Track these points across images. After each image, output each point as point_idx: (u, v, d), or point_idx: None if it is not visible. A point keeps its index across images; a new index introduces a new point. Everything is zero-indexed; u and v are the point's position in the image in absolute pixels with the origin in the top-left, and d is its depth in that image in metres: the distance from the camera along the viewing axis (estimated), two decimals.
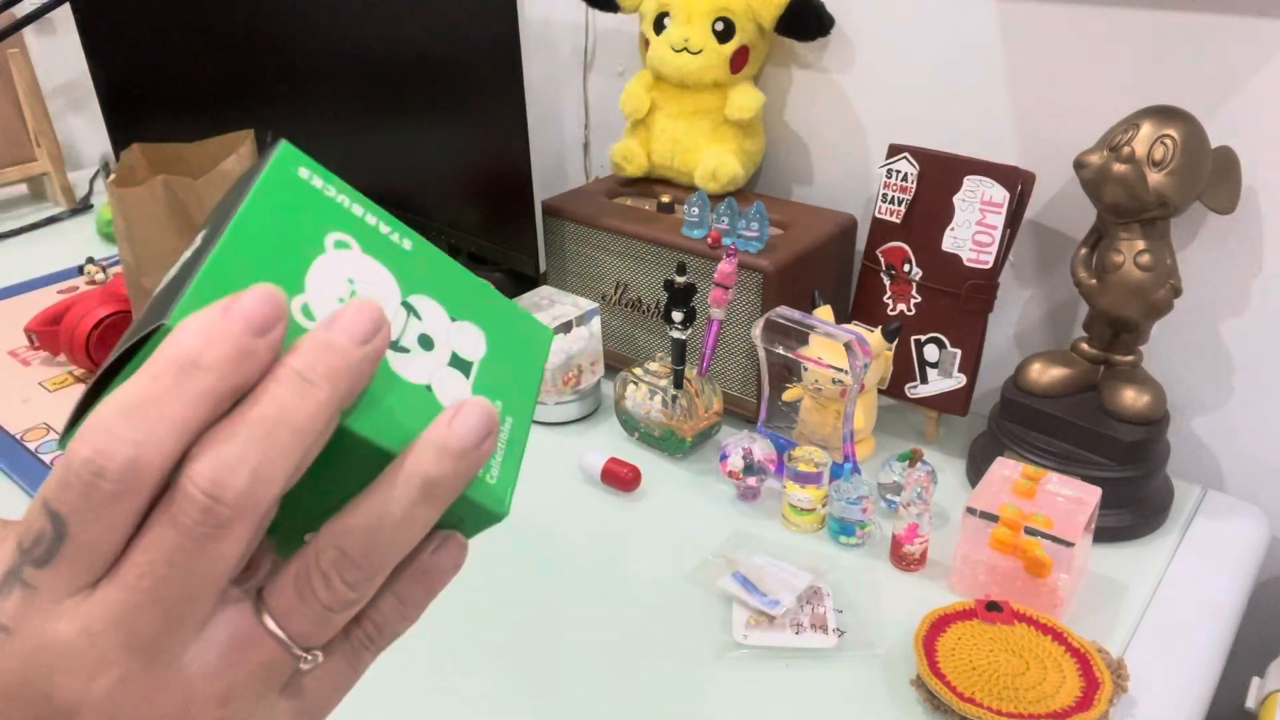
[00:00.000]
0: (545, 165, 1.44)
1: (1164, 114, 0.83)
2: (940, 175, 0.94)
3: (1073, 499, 0.79)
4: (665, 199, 1.10)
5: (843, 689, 0.73)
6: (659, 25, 1.09)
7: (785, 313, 0.92)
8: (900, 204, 0.97)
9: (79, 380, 1.15)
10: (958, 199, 0.93)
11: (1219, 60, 0.86)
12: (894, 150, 0.97)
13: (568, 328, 1.04)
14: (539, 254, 1.15)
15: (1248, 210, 0.89)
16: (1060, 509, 0.78)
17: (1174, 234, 0.87)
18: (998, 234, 0.92)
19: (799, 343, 0.92)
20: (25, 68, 1.60)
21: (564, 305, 1.07)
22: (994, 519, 0.77)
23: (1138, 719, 0.71)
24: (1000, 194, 0.91)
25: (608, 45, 1.31)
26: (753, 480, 0.92)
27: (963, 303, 0.95)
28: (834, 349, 0.90)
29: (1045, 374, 0.93)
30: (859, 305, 1.03)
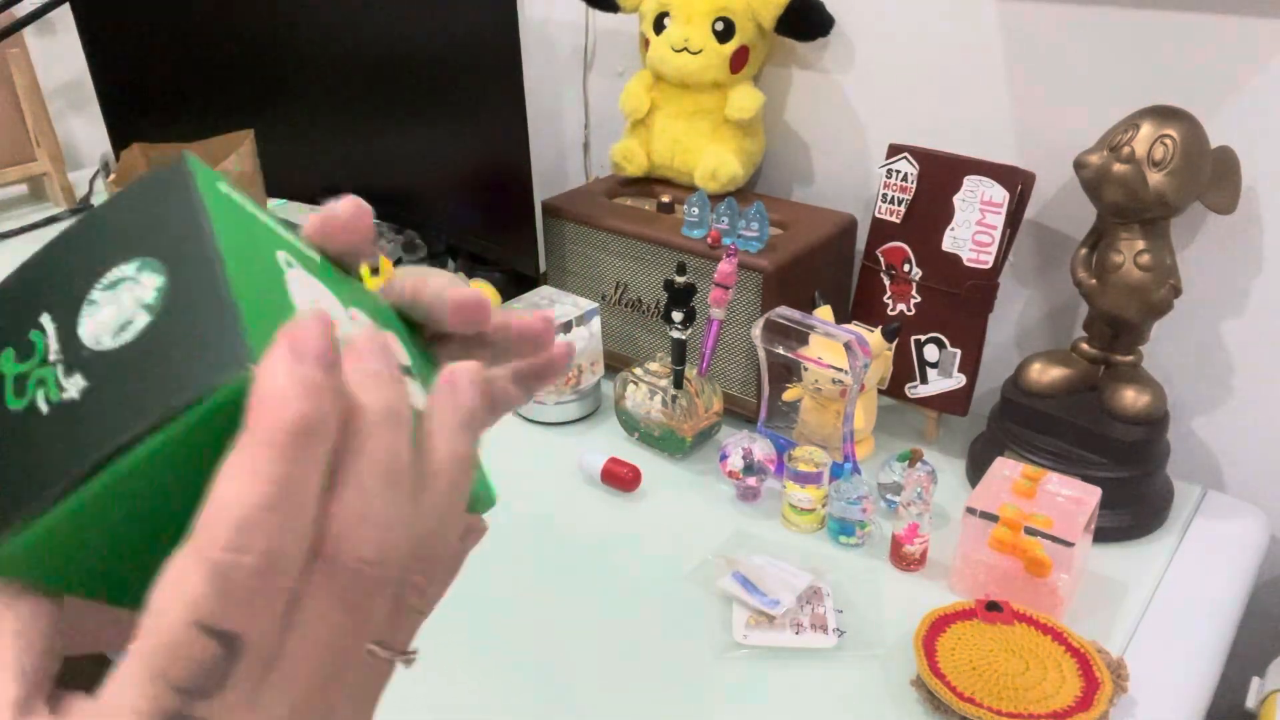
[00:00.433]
0: (545, 165, 1.44)
1: (1164, 114, 0.83)
2: (940, 175, 0.94)
3: (1073, 499, 0.79)
4: (665, 199, 1.10)
5: (843, 689, 0.73)
6: (659, 25, 1.09)
7: (785, 313, 0.92)
8: (900, 204, 0.97)
9: None
10: (958, 199, 0.93)
11: (1219, 60, 0.86)
12: (894, 150, 0.97)
13: (568, 328, 1.04)
14: (539, 254, 1.15)
15: (1248, 210, 0.89)
16: (1060, 509, 0.78)
17: (1174, 234, 0.87)
18: (998, 234, 0.92)
19: (799, 343, 0.92)
20: (25, 68, 1.60)
21: (564, 305, 1.07)
22: (994, 519, 0.77)
23: (1138, 719, 0.71)
24: (1000, 194, 0.91)
25: (608, 45, 1.31)
26: (753, 480, 0.92)
27: (963, 303, 0.95)
28: (834, 349, 0.90)
29: (1045, 374, 0.93)
30: (859, 305, 1.03)
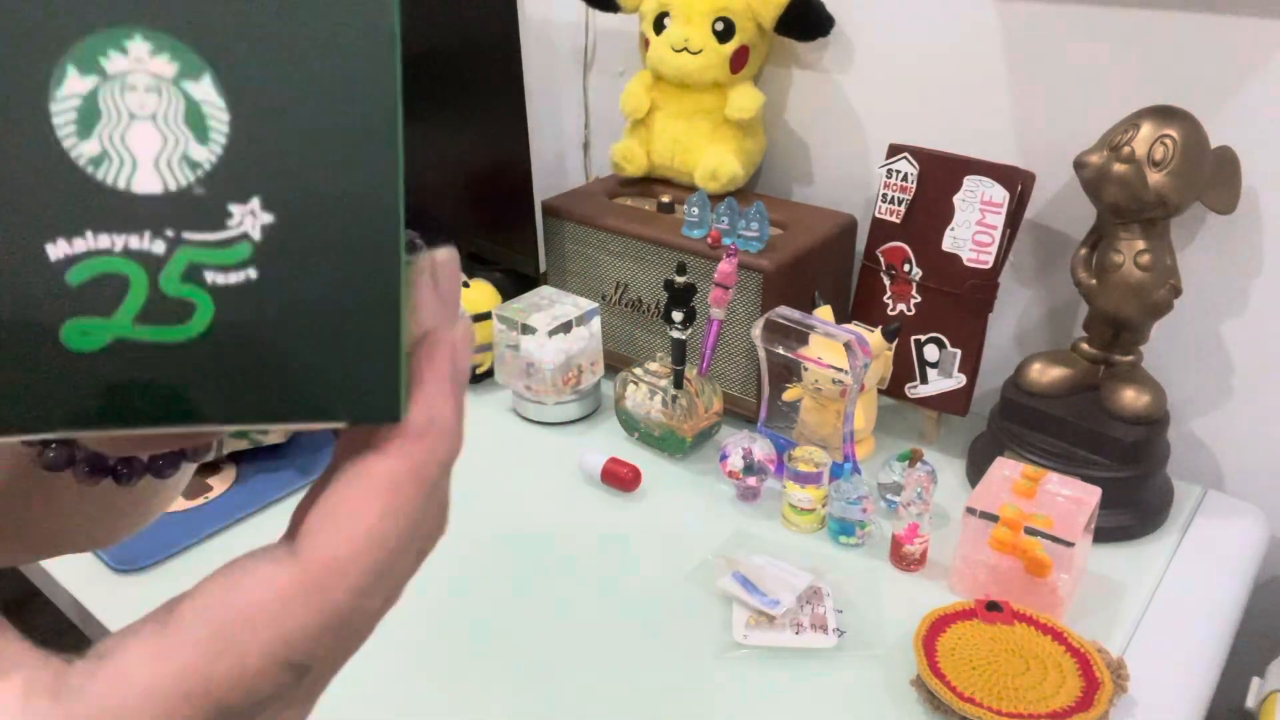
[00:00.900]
0: (545, 165, 1.43)
1: (1164, 114, 0.83)
2: (940, 175, 0.94)
3: (1073, 499, 0.79)
4: (665, 199, 1.10)
5: (843, 689, 0.73)
6: (659, 25, 1.09)
7: (785, 313, 0.92)
8: (900, 204, 0.97)
9: None
10: (958, 199, 0.93)
11: (1219, 60, 0.86)
12: (894, 150, 0.97)
13: (568, 328, 1.04)
14: (539, 254, 1.15)
15: (1248, 210, 0.89)
16: (1060, 509, 0.78)
17: (1174, 234, 0.87)
18: (998, 234, 0.92)
19: (799, 343, 0.92)
20: None
21: (564, 305, 1.07)
22: (994, 519, 0.77)
23: (1138, 719, 0.71)
24: (1000, 194, 0.91)
25: (608, 45, 1.31)
26: (753, 480, 0.92)
27: (963, 303, 0.95)
28: (834, 349, 0.90)
29: (1045, 374, 0.93)
30: (859, 305, 1.03)
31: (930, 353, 0.99)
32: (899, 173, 0.97)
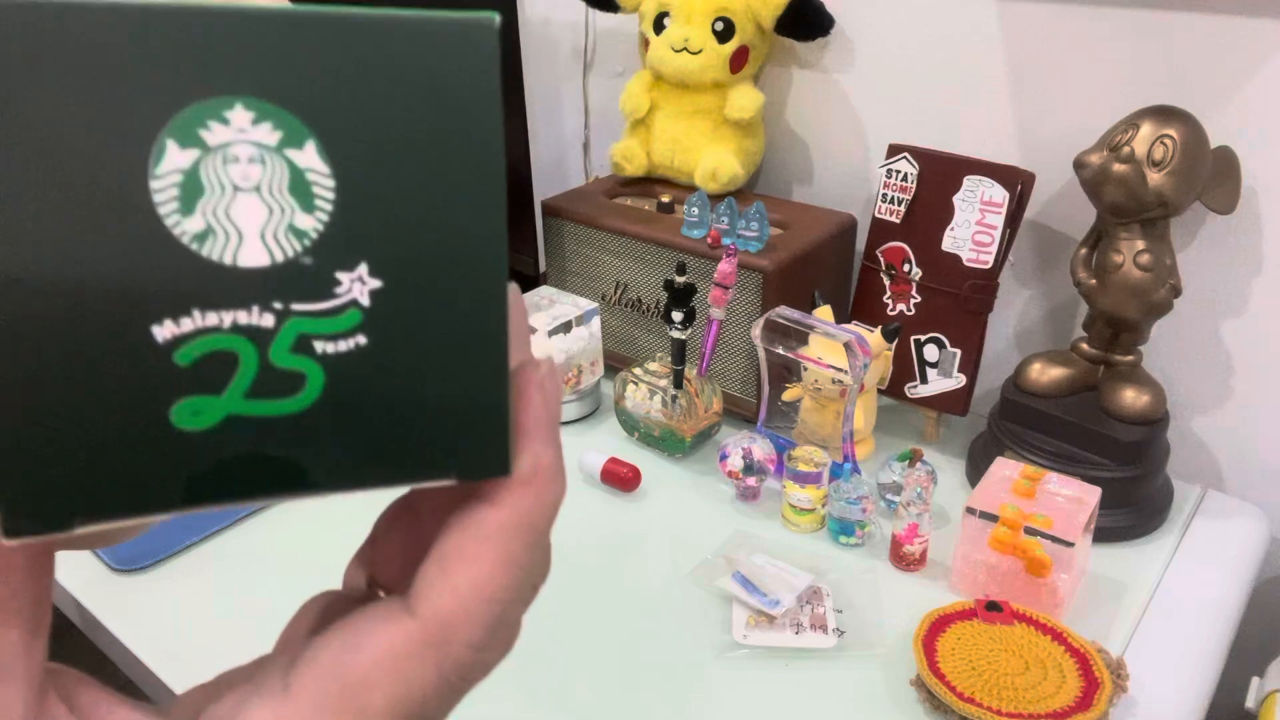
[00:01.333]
0: (545, 165, 1.44)
1: (1164, 114, 0.83)
2: (940, 175, 0.94)
3: (1073, 499, 0.79)
4: (665, 199, 1.10)
5: (843, 689, 0.73)
6: (659, 25, 1.09)
7: (785, 313, 0.92)
8: (900, 204, 0.97)
9: None
10: (958, 199, 0.93)
11: (1219, 60, 0.86)
12: (894, 150, 0.97)
13: (567, 328, 1.04)
14: (539, 254, 1.15)
15: (1248, 210, 0.89)
16: (1060, 509, 0.78)
17: (1174, 234, 0.87)
18: (998, 234, 0.92)
19: (799, 343, 0.92)
20: None
21: (564, 305, 1.07)
22: (994, 519, 0.77)
23: (1138, 719, 0.71)
24: (1000, 194, 0.91)
25: (608, 45, 1.31)
26: (753, 480, 0.92)
27: (963, 303, 0.95)
28: (834, 349, 0.90)
29: (1045, 374, 0.93)
30: (859, 305, 1.03)
31: (930, 353, 0.99)
32: (899, 173, 0.97)
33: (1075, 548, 0.75)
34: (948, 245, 0.95)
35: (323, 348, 0.19)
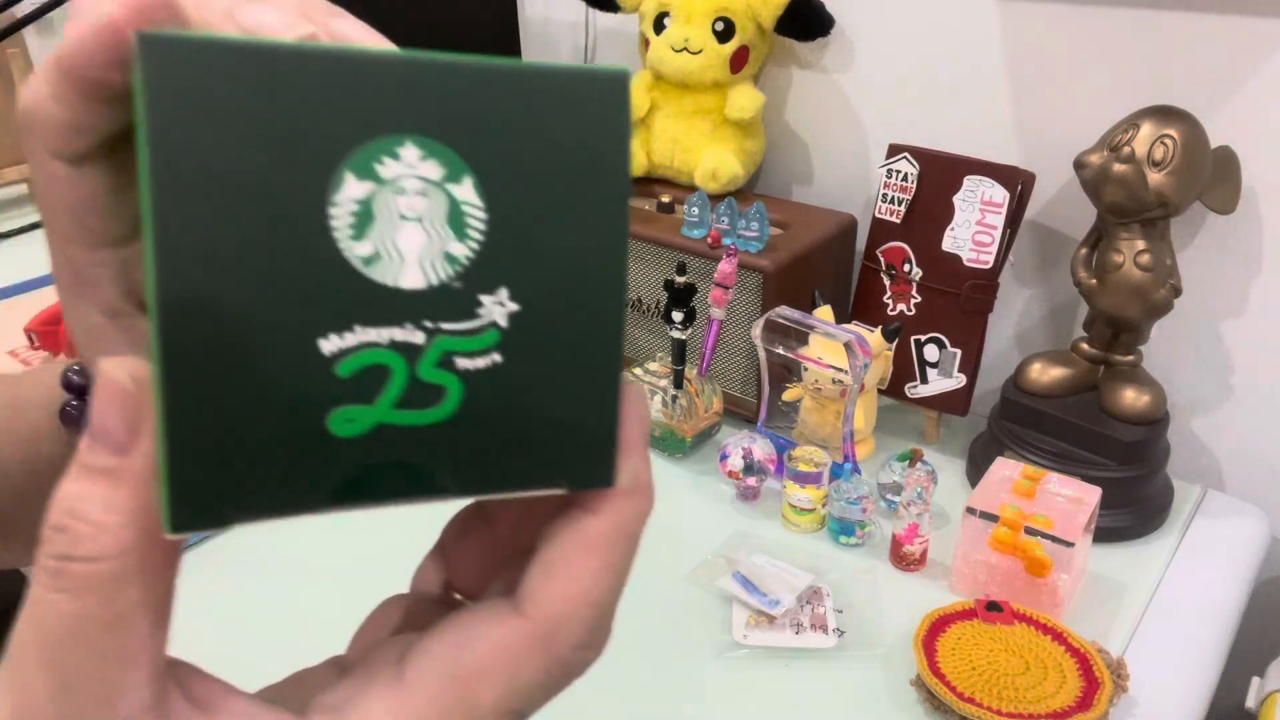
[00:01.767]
0: None
1: (1164, 114, 0.83)
2: (940, 175, 0.94)
3: (1073, 499, 0.79)
4: (665, 199, 1.10)
5: (843, 689, 0.73)
6: (659, 25, 1.09)
7: (785, 313, 0.92)
8: (900, 204, 0.97)
9: None
10: (958, 199, 0.93)
11: (1219, 60, 0.86)
12: (894, 150, 0.97)
13: None
14: None
15: (1248, 210, 0.89)
16: (1060, 509, 0.78)
17: (1174, 234, 0.87)
18: (998, 234, 0.92)
19: (799, 343, 0.92)
20: (25, 68, 1.60)
21: None
22: (994, 519, 0.77)
23: (1138, 719, 0.71)
24: (1000, 194, 0.91)
25: (608, 45, 1.31)
26: (753, 480, 0.92)
27: (963, 303, 0.95)
28: (834, 349, 0.90)
29: (1045, 374, 0.93)
30: (859, 305, 1.03)
31: (930, 353, 0.99)
32: (899, 173, 0.97)
33: (1075, 548, 0.75)
34: (948, 245, 0.95)
35: (463, 364, 0.21)
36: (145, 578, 0.20)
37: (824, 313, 0.97)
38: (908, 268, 0.98)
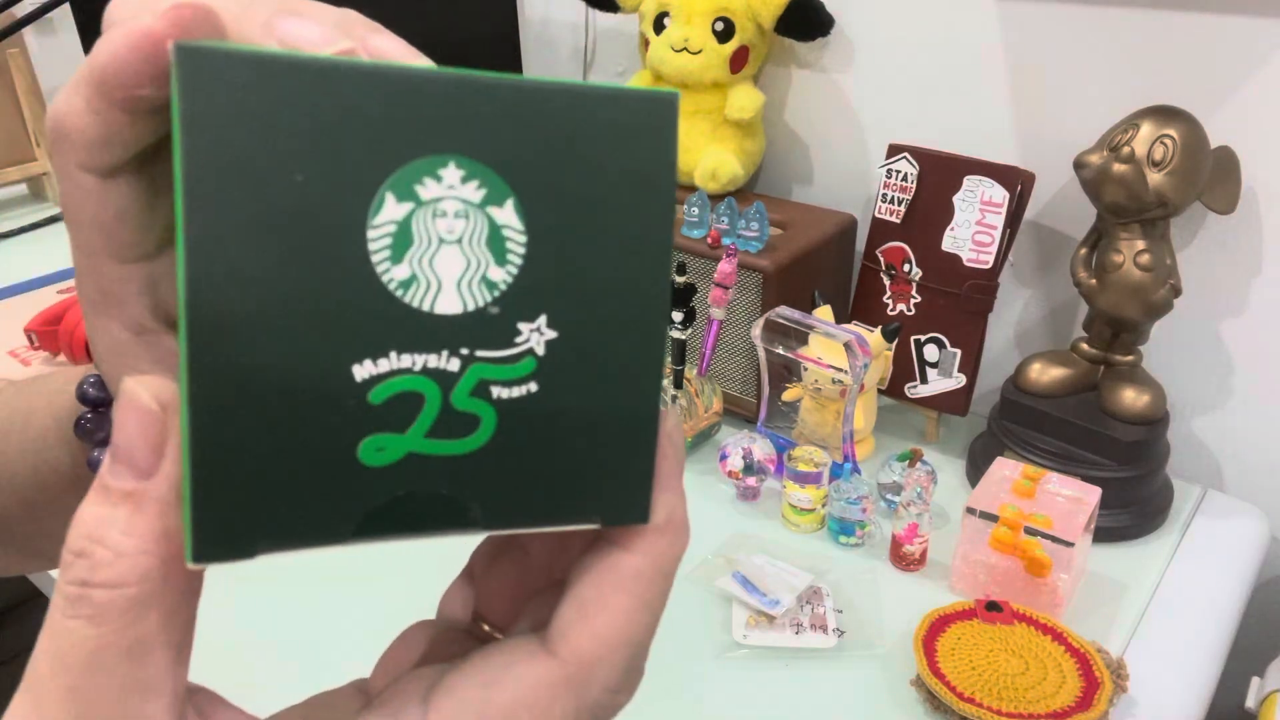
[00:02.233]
0: None
1: (1164, 114, 0.83)
2: (940, 175, 0.94)
3: (1073, 499, 0.79)
4: None
5: (843, 689, 0.73)
6: (659, 25, 1.09)
7: (785, 313, 0.92)
8: (900, 204, 0.97)
9: None
10: (958, 199, 0.93)
11: (1219, 60, 0.86)
12: (894, 150, 0.97)
13: None
14: None
15: (1248, 210, 0.89)
16: (1060, 509, 0.78)
17: (1174, 234, 0.87)
18: (998, 234, 0.92)
19: (799, 343, 0.92)
20: (25, 68, 1.60)
21: None
22: (994, 519, 0.77)
23: (1138, 719, 0.71)
24: (1000, 194, 0.91)
25: (608, 45, 1.31)
26: (753, 480, 0.92)
27: (963, 303, 0.95)
28: (834, 349, 0.90)
29: (1045, 374, 0.93)
30: (859, 305, 1.03)
31: (930, 353, 0.99)
32: (899, 173, 0.97)
33: (1075, 548, 0.75)
34: (948, 245, 0.95)
35: (498, 393, 0.20)
36: (166, 605, 0.19)
37: (824, 313, 0.97)
38: (907, 268, 0.98)
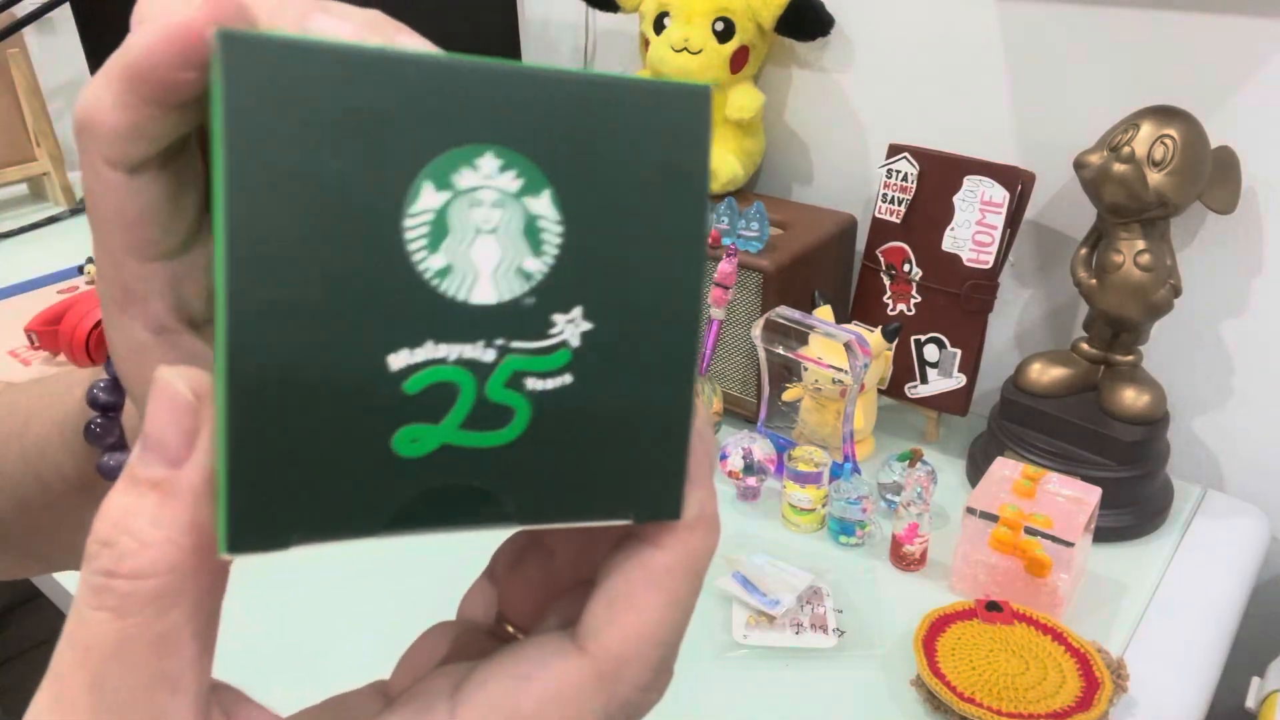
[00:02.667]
0: None
1: (1164, 114, 0.83)
2: (940, 175, 0.94)
3: (1073, 499, 0.79)
4: None
5: (843, 689, 0.73)
6: (659, 25, 1.09)
7: (785, 313, 0.92)
8: (900, 204, 0.97)
9: None
10: (958, 199, 0.93)
11: (1219, 60, 0.86)
12: (894, 150, 0.97)
13: None
14: None
15: (1248, 210, 0.89)
16: (1060, 509, 0.78)
17: (1174, 234, 0.87)
18: (998, 234, 0.92)
19: (799, 343, 0.92)
20: (25, 68, 1.60)
21: None
22: (994, 519, 0.77)
23: (1138, 719, 0.71)
24: (1000, 194, 0.91)
25: (608, 45, 1.31)
26: (753, 480, 0.92)
27: (963, 303, 0.95)
28: (834, 349, 0.90)
29: (1045, 374, 0.93)
30: (859, 305, 1.03)
31: (930, 353, 0.99)
32: (899, 173, 0.97)
33: (1075, 548, 0.75)
34: (948, 245, 0.95)
35: (533, 384, 0.20)
36: (192, 598, 0.19)
37: (824, 313, 0.97)
38: (908, 268, 0.98)
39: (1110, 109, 0.88)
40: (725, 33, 1.06)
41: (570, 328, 0.20)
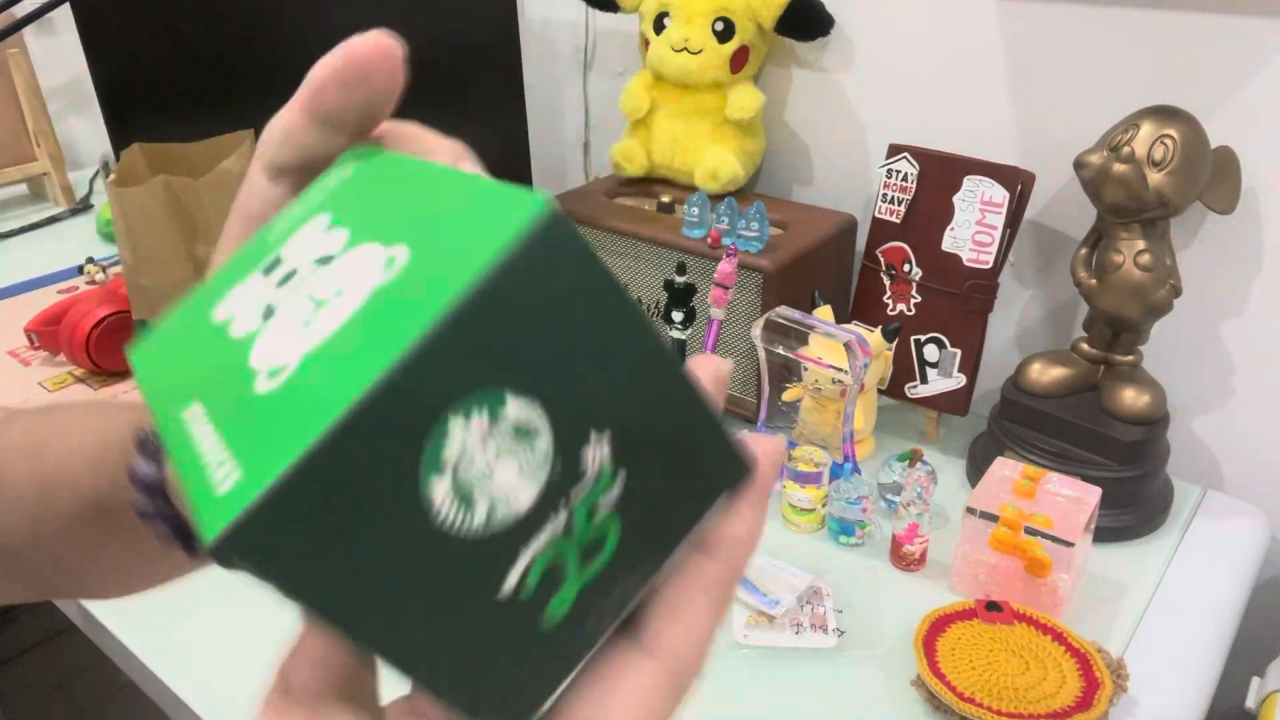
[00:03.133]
0: (545, 165, 1.44)
1: (1164, 114, 0.83)
2: (940, 175, 0.94)
3: (1073, 499, 0.79)
4: (665, 199, 1.10)
5: (843, 689, 0.73)
6: (659, 25, 1.09)
7: (785, 313, 0.92)
8: (900, 204, 0.97)
9: (79, 380, 1.15)
10: (958, 199, 0.93)
11: (1219, 60, 0.86)
12: (894, 150, 0.97)
13: None
14: None
15: (1248, 210, 0.89)
16: (1060, 509, 0.78)
17: (1174, 234, 0.87)
18: (998, 234, 0.92)
19: (799, 343, 0.92)
20: (25, 68, 1.60)
21: None
22: (994, 519, 0.77)
23: (1138, 719, 0.71)
24: (1000, 194, 0.91)
25: (608, 45, 1.31)
26: None
27: (963, 303, 0.95)
28: (834, 349, 0.90)
29: (1045, 374, 0.93)
30: (859, 305, 1.03)
31: (930, 353, 0.99)
32: (899, 173, 0.97)
33: (1075, 548, 0.75)
34: (948, 245, 0.95)
35: (605, 502, 0.22)
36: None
37: (824, 313, 0.97)
38: (908, 268, 0.98)
39: (1110, 109, 0.88)
40: (725, 33, 1.06)
41: (598, 450, 0.21)
